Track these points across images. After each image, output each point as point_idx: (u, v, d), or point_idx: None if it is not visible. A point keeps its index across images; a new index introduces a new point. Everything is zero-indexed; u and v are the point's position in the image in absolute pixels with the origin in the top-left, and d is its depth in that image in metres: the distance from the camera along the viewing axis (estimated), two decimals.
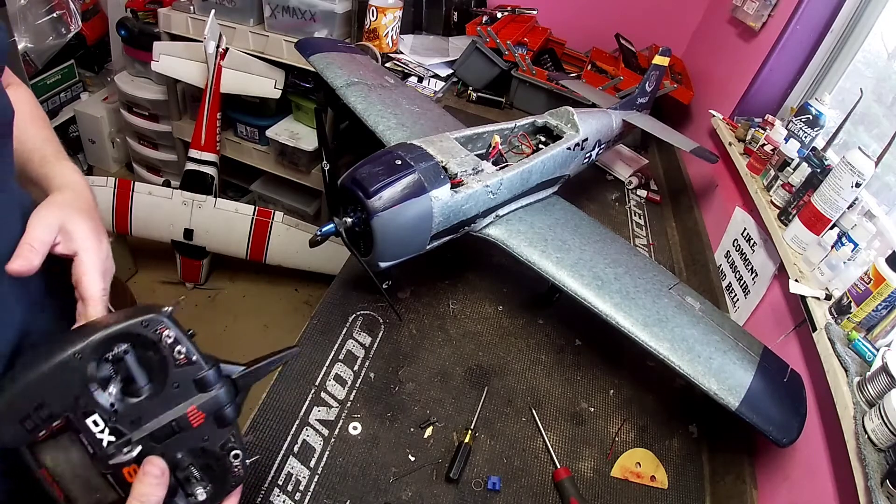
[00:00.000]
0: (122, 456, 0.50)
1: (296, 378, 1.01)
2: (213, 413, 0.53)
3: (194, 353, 0.52)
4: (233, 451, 0.54)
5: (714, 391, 0.93)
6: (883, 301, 0.91)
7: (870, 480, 0.73)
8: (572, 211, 1.25)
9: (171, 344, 0.51)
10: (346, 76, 1.31)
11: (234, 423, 0.54)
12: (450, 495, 0.91)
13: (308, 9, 2.03)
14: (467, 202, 1.01)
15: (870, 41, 1.57)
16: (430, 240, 0.99)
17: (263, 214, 2.10)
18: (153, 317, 0.51)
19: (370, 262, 0.96)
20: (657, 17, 2.53)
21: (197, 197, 2.07)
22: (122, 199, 2.03)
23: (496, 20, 2.24)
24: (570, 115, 1.29)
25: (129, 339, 0.51)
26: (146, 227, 2.10)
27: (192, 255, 2.29)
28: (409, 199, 0.92)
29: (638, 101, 1.79)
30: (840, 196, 1.09)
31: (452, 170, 1.01)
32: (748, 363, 1.00)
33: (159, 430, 0.51)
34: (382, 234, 0.91)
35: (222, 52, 2.01)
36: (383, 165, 0.93)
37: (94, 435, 0.50)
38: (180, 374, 0.52)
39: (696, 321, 1.05)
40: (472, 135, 1.16)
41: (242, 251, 2.15)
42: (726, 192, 1.71)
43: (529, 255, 1.06)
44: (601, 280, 1.05)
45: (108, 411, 0.50)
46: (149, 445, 0.51)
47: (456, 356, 1.14)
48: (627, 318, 1.00)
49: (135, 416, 0.51)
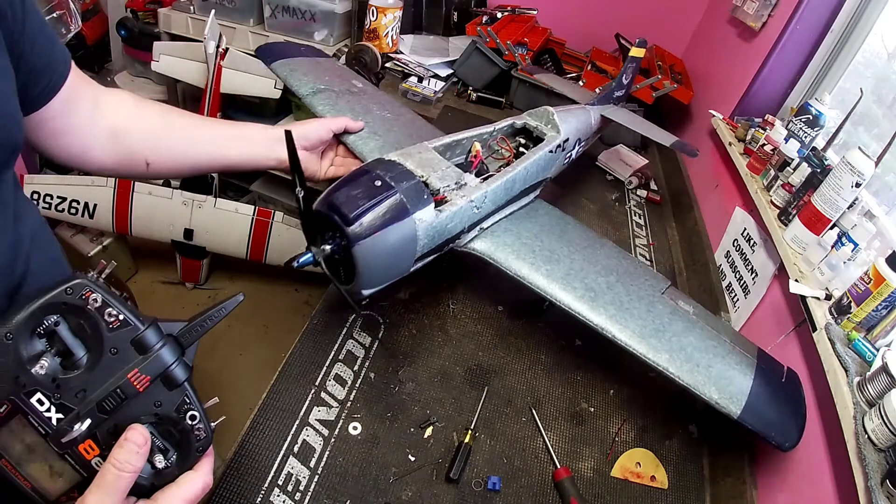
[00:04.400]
0: (73, 432, 0.48)
1: (296, 378, 1.01)
2: (158, 375, 0.50)
3: (125, 313, 0.49)
4: (189, 412, 0.52)
5: (716, 401, 0.91)
6: (883, 301, 0.91)
7: (870, 480, 0.73)
8: (557, 215, 1.21)
9: (98, 308, 0.49)
10: (311, 83, 1.24)
11: (185, 384, 0.52)
12: (450, 495, 0.91)
13: (308, 9, 2.03)
14: (452, 220, 0.95)
15: (870, 41, 1.57)
16: (414, 262, 0.94)
17: (263, 214, 2.10)
18: (77, 283, 0.49)
19: (352, 291, 0.90)
20: (657, 17, 2.53)
21: (197, 197, 2.07)
22: (123, 198, 2.03)
23: (496, 20, 2.24)
24: (550, 115, 1.24)
25: (57, 309, 0.49)
26: (146, 227, 2.10)
27: (192, 255, 2.29)
28: (392, 223, 0.85)
29: (615, 94, 1.74)
30: (840, 196, 1.09)
31: (434, 185, 0.95)
32: (746, 366, 0.98)
33: (104, 399, 0.49)
34: (365, 262, 0.85)
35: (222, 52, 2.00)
36: (362, 188, 0.85)
37: (42, 413, 0.48)
38: (115, 338, 0.49)
39: (692, 326, 1.02)
40: (451, 142, 1.10)
41: (242, 251, 2.15)
42: (726, 192, 1.71)
43: (518, 269, 1.02)
44: (594, 291, 1.01)
45: (50, 387, 0.48)
46: (97, 417, 0.49)
47: (456, 356, 1.14)
48: (624, 331, 0.96)
49: (78, 389, 0.49)
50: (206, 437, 0.53)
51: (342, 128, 1.05)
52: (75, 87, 0.69)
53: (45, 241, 0.67)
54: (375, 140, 1.11)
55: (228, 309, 0.53)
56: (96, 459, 0.50)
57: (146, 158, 0.80)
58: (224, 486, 0.84)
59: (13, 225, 0.58)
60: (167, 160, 0.83)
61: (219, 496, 0.82)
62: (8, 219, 0.57)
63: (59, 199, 1.99)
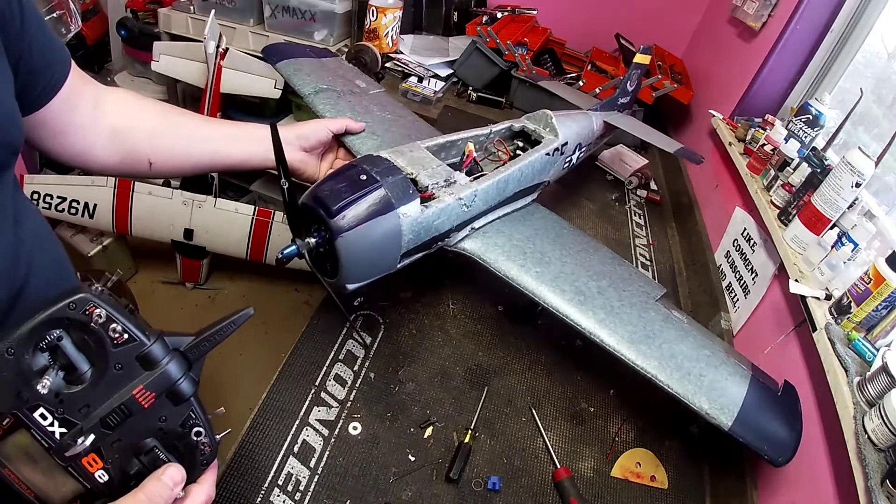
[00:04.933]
0: (76, 447, 0.48)
1: (296, 378, 1.01)
2: (164, 391, 0.50)
3: (131, 328, 0.49)
4: (195, 429, 0.51)
5: (706, 411, 0.89)
6: (883, 301, 0.91)
7: (870, 480, 0.73)
8: (553, 219, 1.20)
9: (103, 323, 0.48)
10: (314, 83, 1.25)
11: (191, 399, 0.51)
12: (450, 495, 0.91)
13: (308, 9, 2.03)
14: (439, 217, 0.95)
15: (870, 41, 1.57)
16: (400, 258, 0.94)
17: (263, 214, 2.10)
18: (80, 297, 0.48)
19: (336, 285, 0.90)
20: (657, 17, 2.53)
21: (197, 197, 2.07)
22: (122, 198, 2.03)
23: (496, 20, 2.24)
24: (549, 118, 1.23)
25: (60, 324, 0.48)
26: (146, 227, 2.10)
27: (192, 255, 2.29)
28: (376, 216, 0.86)
29: (619, 101, 1.73)
30: (840, 196, 1.09)
31: (423, 182, 0.95)
32: (740, 378, 0.95)
33: (109, 415, 0.48)
34: (348, 255, 0.85)
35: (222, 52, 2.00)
36: (346, 181, 0.86)
37: (45, 428, 0.48)
38: (120, 353, 0.49)
39: (685, 335, 1.00)
40: (445, 143, 1.10)
41: (242, 251, 2.15)
42: (726, 192, 1.71)
43: (507, 270, 1.01)
44: (584, 295, 1.00)
45: (53, 402, 0.48)
46: (101, 433, 0.49)
47: (456, 356, 1.14)
48: (612, 336, 0.95)
49: (82, 404, 0.48)
50: (210, 451, 0.53)
51: (342, 128, 1.05)
52: (76, 86, 0.68)
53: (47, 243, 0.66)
54: (373, 140, 1.11)
55: (237, 324, 0.53)
56: (100, 472, 0.50)
57: (148, 157, 0.80)
58: (224, 487, 0.84)
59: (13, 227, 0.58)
60: (169, 159, 0.83)
61: (219, 496, 0.82)
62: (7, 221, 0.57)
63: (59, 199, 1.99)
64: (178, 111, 0.86)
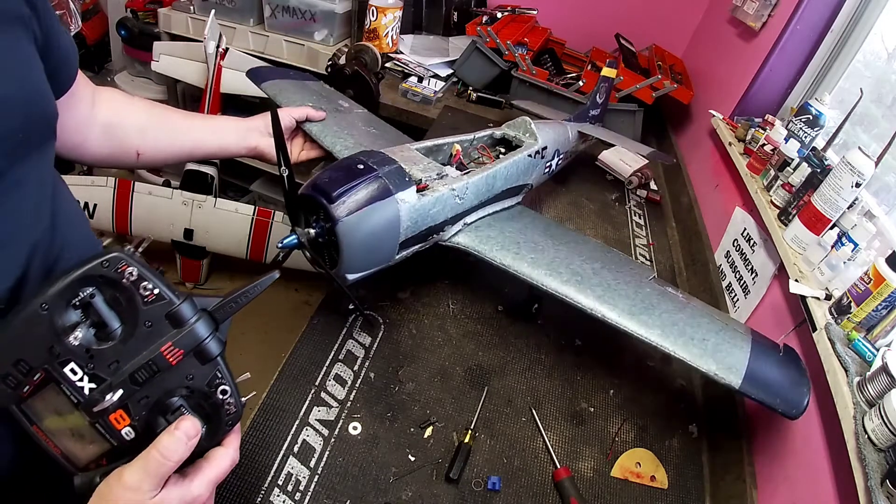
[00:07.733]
0: (104, 402, 0.49)
1: (296, 378, 1.01)
2: (191, 349, 0.51)
3: (161, 287, 0.50)
4: (220, 387, 0.52)
5: (714, 372, 0.91)
6: (883, 301, 0.91)
7: (870, 480, 0.73)
8: (540, 217, 1.25)
9: (134, 281, 0.49)
10: (299, 101, 1.28)
11: (217, 359, 0.52)
12: (450, 495, 0.91)
13: (308, 9, 2.03)
14: (435, 206, 0.98)
15: (870, 41, 1.57)
16: (398, 248, 0.95)
17: (263, 214, 2.10)
18: (114, 256, 0.49)
19: (337, 276, 0.91)
20: (657, 17, 2.53)
21: (197, 197, 2.07)
22: (123, 198, 2.03)
23: (496, 20, 2.24)
24: (528, 124, 1.30)
25: (93, 281, 0.49)
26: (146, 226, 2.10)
27: (192, 255, 2.29)
28: (375, 202, 0.88)
29: (590, 112, 1.81)
30: (840, 196, 1.09)
31: (416, 175, 0.98)
32: (742, 340, 0.98)
33: (137, 371, 0.50)
34: (348, 242, 0.87)
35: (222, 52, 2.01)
36: (345, 171, 0.89)
37: (74, 383, 0.49)
38: (150, 311, 0.50)
39: (682, 306, 1.03)
40: (433, 146, 1.14)
41: (242, 251, 2.15)
42: (726, 192, 1.71)
43: (503, 259, 1.03)
44: (580, 276, 1.03)
45: (83, 357, 0.49)
46: (129, 388, 0.50)
47: (456, 356, 1.14)
48: (613, 310, 0.97)
49: (112, 360, 0.50)
50: (236, 411, 0.54)
51: (304, 116, 1.15)
52: (79, 84, 0.72)
53: (77, 217, 0.69)
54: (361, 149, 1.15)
55: (264, 286, 0.54)
56: (126, 429, 0.51)
57: (137, 149, 0.88)
58: (224, 486, 0.84)
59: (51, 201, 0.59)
60: (154, 150, 0.90)
61: (219, 496, 0.82)
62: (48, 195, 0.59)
63: None
64: (160, 107, 0.94)
